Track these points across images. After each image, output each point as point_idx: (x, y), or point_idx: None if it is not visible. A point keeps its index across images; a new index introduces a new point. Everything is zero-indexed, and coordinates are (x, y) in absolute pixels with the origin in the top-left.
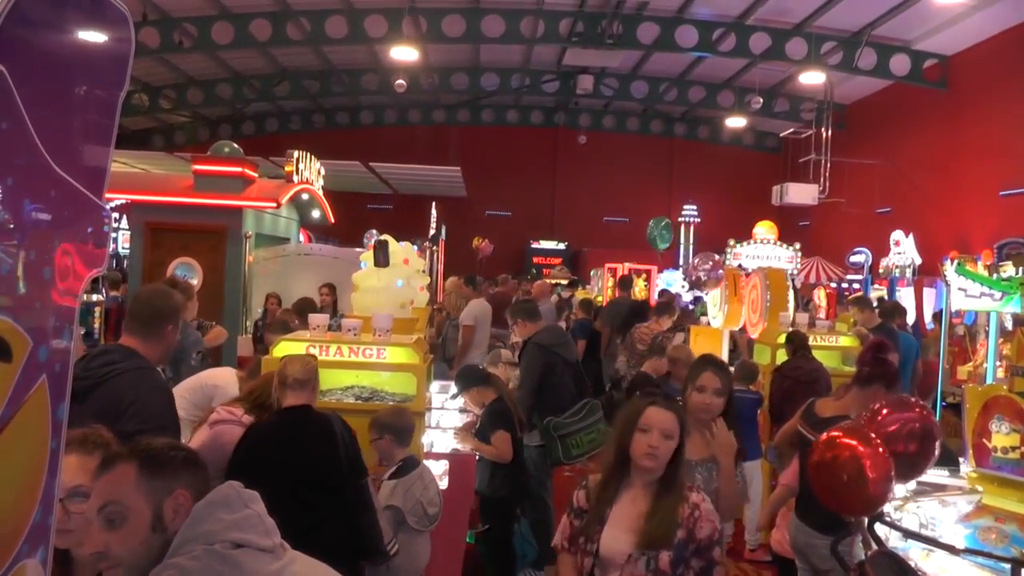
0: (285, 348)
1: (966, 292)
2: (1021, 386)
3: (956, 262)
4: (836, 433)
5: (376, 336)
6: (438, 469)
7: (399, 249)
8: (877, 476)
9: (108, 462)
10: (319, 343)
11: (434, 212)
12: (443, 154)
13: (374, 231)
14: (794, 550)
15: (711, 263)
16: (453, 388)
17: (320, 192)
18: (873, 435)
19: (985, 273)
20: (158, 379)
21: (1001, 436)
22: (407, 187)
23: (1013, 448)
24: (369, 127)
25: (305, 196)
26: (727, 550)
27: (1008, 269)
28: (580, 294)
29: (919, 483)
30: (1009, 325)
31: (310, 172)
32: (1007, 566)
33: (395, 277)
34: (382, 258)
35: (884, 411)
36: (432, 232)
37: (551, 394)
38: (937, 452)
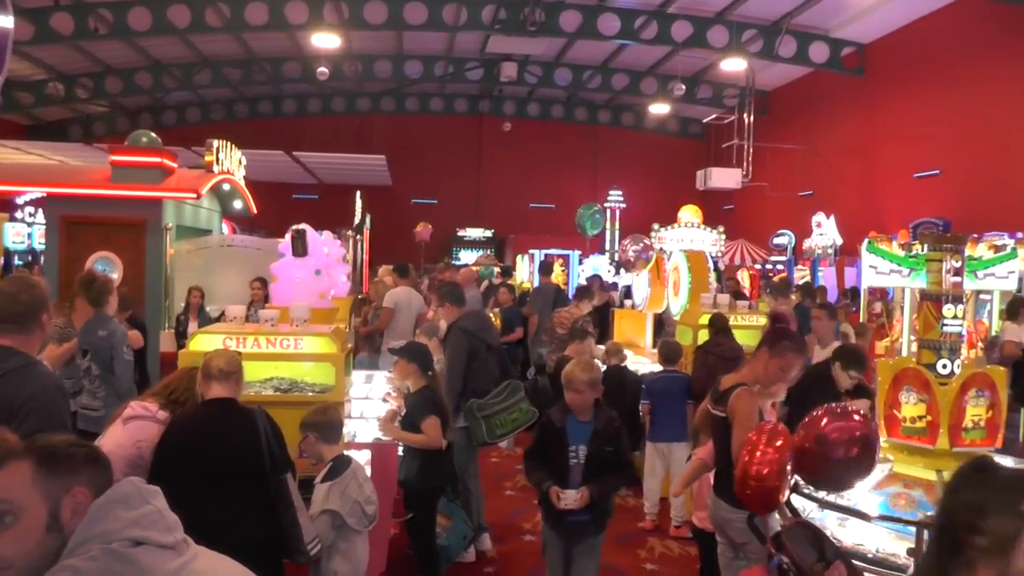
0: (201, 341)
1: (876, 269)
2: (928, 358)
3: (867, 241)
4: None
5: (293, 326)
6: (360, 459)
7: (317, 238)
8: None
9: (0, 460)
10: (236, 335)
11: (359, 201)
12: (368, 143)
13: (305, 225)
14: (713, 525)
15: (642, 244)
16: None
17: (242, 182)
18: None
19: (899, 252)
20: (46, 374)
21: (909, 406)
22: (332, 176)
23: (920, 417)
24: (293, 116)
25: (226, 186)
26: (653, 528)
27: (917, 248)
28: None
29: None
30: None
31: (231, 162)
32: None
33: (313, 267)
34: (300, 248)
35: (824, 420)
36: (357, 221)
37: (474, 377)
38: (877, 458)
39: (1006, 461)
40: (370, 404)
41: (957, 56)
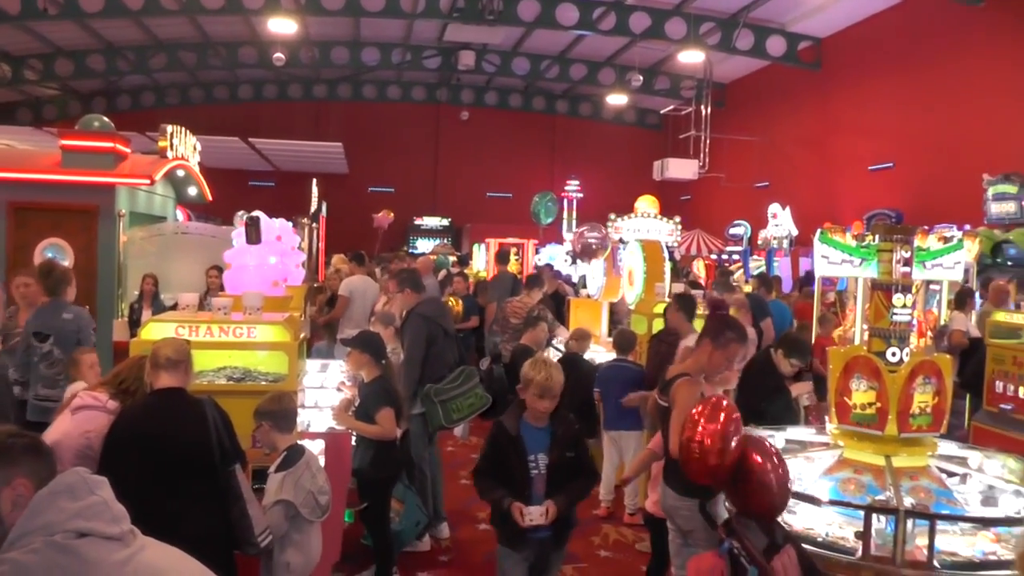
0: (153, 329)
1: (828, 259)
2: (878, 346)
3: (819, 231)
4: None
5: (246, 315)
6: (314, 449)
7: (271, 226)
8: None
9: None
10: (189, 323)
11: (315, 189)
12: (324, 130)
13: (259, 212)
14: (664, 512)
15: (601, 233)
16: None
17: (197, 168)
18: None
19: (852, 242)
20: None
21: (860, 393)
22: (289, 163)
23: (870, 404)
24: (249, 102)
25: (181, 173)
26: (607, 515)
27: (870, 239)
28: (468, 270)
29: (788, 441)
30: None
31: (185, 148)
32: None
33: (267, 254)
34: (254, 235)
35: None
36: (313, 209)
37: (432, 363)
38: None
39: (949, 446)
40: (325, 393)
41: (911, 51)
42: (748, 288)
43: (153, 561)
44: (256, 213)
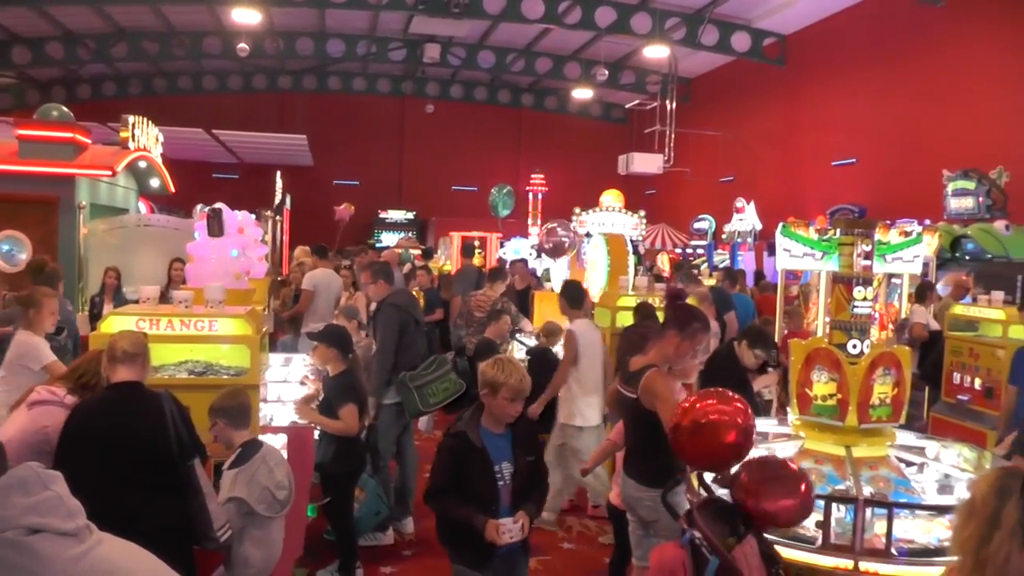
0: (114, 322)
1: (790, 252)
2: (839, 339)
3: (781, 224)
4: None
5: (208, 308)
6: (276, 443)
7: (234, 218)
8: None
9: None
10: (149, 316)
11: (279, 181)
12: (289, 122)
13: (221, 205)
14: (624, 504)
15: (570, 230)
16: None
17: (159, 160)
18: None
19: (814, 236)
20: None
21: (821, 385)
22: (253, 156)
23: (831, 395)
24: (213, 93)
25: (143, 164)
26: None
27: (832, 233)
28: (432, 264)
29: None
30: None
31: (147, 138)
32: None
33: (229, 247)
34: (216, 228)
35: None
36: (277, 201)
37: (404, 352)
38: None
39: (907, 436)
40: (288, 387)
41: (874, 49)
42: (711, 281)
43: (109, 556)
44: (218, 205)
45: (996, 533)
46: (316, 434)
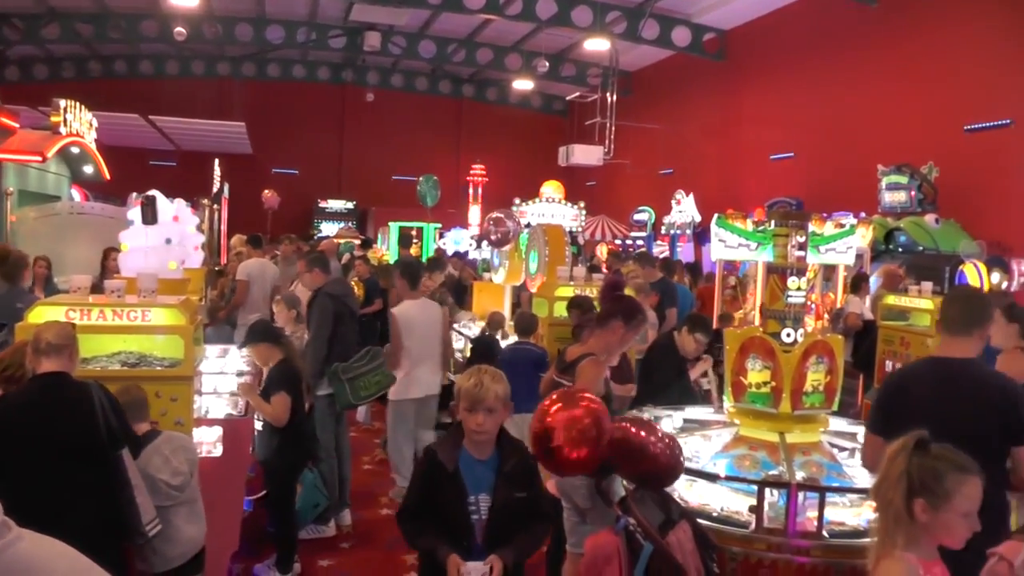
0: (42, 313)
1: (725, 243)
2: (773, 328)
3: (716, 216)
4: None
5: (140, 297)
6: (211, 436)
7: (168, 206)
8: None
9: None
10: (79, 306)
11: (217, 169)
12: (228, 109)
13: (155, 192)
14: (559, 492)
15: (514, 221)
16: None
17: (93, 145)
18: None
19: (750, 227)
20: None
21: (755, 373)
22: (191, 143)
23: (765, 383)
24: (149, 78)
25: (75, 150)
26: None
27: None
28: (371, 254)
29: (686, 421)
30: None
31: (80, 124)
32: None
33: (164, 235)
34: (150, 215)
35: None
36: (215, 190)
37: (339, 342)
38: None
39: (840, 423)
40: (224, 379)
41: (812, 46)
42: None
43: (28, 553)
44: (152, 192)
45: (888, 481)
46: (259, 426)
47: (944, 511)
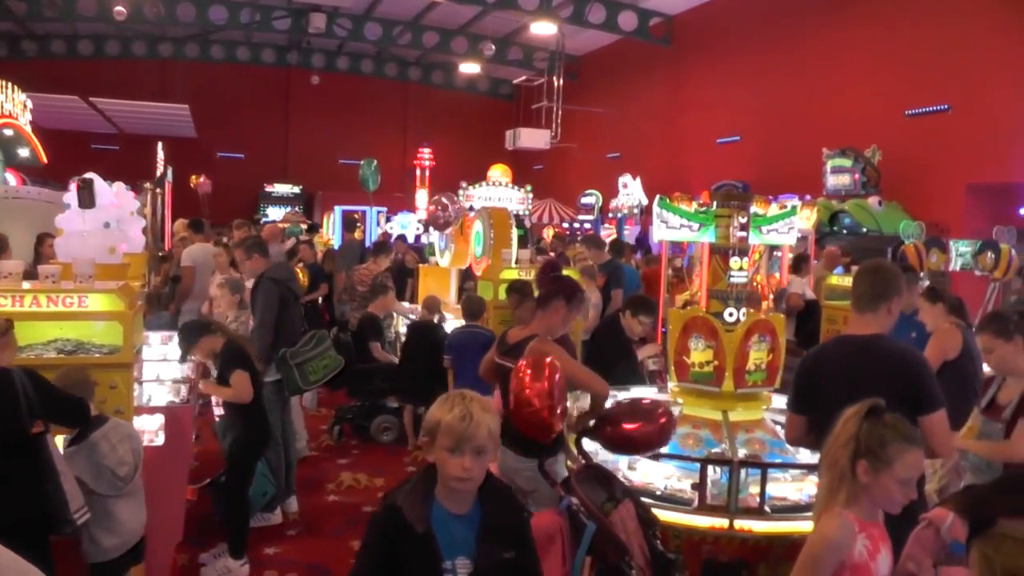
0: None
1: (667, 224)
2: (716, 307)
3: (658, 197)
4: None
5: (77, 283)
6: (153, 424)
7: (107, 190)
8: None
9: None
10: (11, 292)
11: (160, 153)
12: (171, 91)
13: (92, 175)
14: (502, 475)
15: (455, 204)
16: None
17: (28, 128)
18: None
19: (691, 208)
20: None
21: (698, 352)
22: (134, 126)
23: (708, 362)
24: (89, 59)
25: (9, 132)
26: None
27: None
28: (318, 239)
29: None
30: None
31: (13, 105)
32: None
33: (102, 219)
34: (87, 199)
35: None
36: (158, 174)
37: (285, 327)
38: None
39: (783, 400)
40: (167, 366)
41: (757, 31)
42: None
43: None
44: (89, 175)
45: (838, 442)
46: (218, 415)
47: (884, 475)
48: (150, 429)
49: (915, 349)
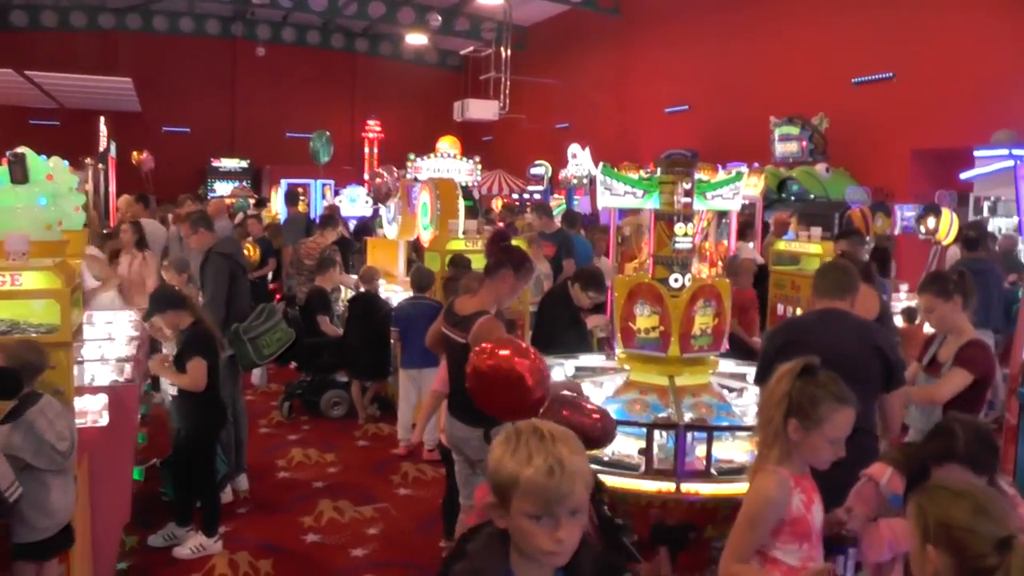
0: None
1: (611, 191)
2: (661, 273)
3: (602, 164)
4: (490, 346)
5: (10, 260)
6: (96, 404)
7: (42, 165)
8: (535, 383)
9: None
10: None
11: (103, 128)
12: (113, 64)
13: (24, 149)
14: (451, 445)
15: (393, 175)
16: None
17: None
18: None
19: (635, 175)
20: None
21: (644, 318)
22: (75, 101)
23: (653, 328)
24: (23, 30)
25: None
26: (407, 454)
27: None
28: (265, 213)
29: (578, 368)
30: None
31: None
32: None
33: (37, 195)
34: (19, 174)
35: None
36: (102, 149)
37: (236, 302)
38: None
39: (730, 364)
40: (110, 345)
41: (706, 0)
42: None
43: None
44: (21, 150)
45: (772, 400)
46: (172, 393)
47: (814, 434)
48: (93, 409)
49: (887, 329)
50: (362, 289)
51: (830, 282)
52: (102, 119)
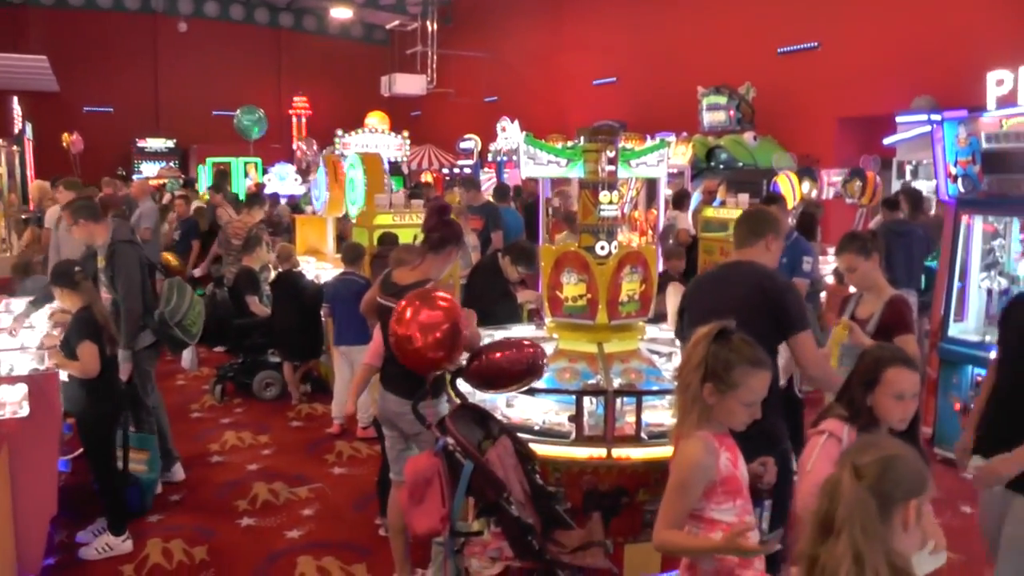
0: None
1: (535, 160)
2: (587, 241)
3: (525, 133)
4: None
5: None
6: (16, 395)
7: None
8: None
9: None
10: None
11: (17, 108)
12: (24, 41)
13: None
14: (382, 420)
15: (313, 150)
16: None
17: None
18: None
19: (559, 144)
20: None
21: (571, 287)
22: None
23: (581, 296)
24: None
25: None
26: (340, 432)
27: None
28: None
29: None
30: None
31: None
32: None
33: None
34: None
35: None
36: (16, 131)
37: (149, 289)
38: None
39: (655, 330)
40: (31, 333)
41: None
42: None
43: None
44: None
45: (689, 365)
46: (64, 376)
47: (729, 398)
48: (13, 400)
49: (780, 273)
50: (280, 269)
51: (740, 232)
52: (15, 99)
